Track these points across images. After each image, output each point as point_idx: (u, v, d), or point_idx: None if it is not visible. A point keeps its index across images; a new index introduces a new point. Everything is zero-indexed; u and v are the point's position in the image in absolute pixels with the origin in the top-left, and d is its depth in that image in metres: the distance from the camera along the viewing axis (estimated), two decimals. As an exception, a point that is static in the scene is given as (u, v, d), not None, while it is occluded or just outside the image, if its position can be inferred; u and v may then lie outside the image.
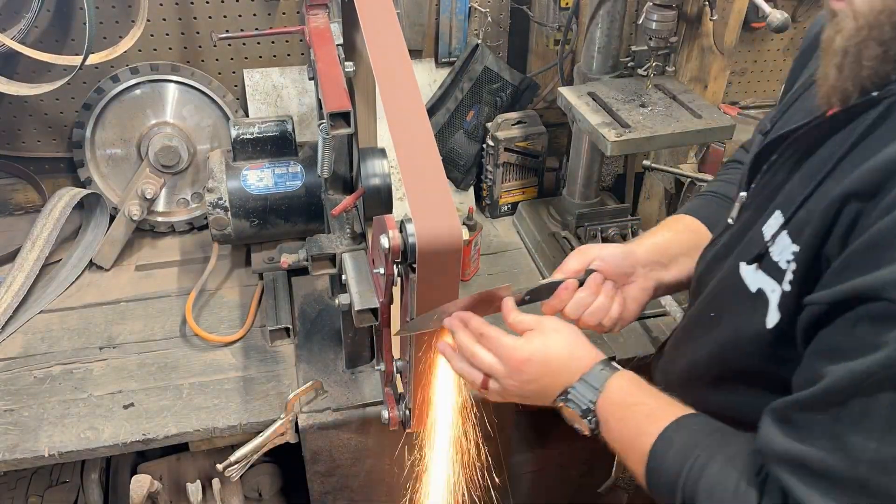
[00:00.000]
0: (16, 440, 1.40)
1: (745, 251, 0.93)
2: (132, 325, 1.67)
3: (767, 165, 0.95)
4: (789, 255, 0.82)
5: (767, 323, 0.85)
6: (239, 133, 1.59)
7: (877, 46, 0.75)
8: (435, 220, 0.87)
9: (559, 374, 1.00)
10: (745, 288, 0.90)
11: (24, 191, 1.97)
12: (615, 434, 0.97)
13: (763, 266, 0.87)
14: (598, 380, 0.98)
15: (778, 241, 0.85)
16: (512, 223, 2.05)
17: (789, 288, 0.81)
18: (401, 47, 1.03)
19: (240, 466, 1.43)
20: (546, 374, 1.00)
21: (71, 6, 1.77)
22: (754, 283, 0.88)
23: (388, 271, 0.97)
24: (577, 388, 0.99)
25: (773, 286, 0.85)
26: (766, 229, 0.88)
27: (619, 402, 0.96)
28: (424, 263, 0.89)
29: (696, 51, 1.84)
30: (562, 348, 1.01)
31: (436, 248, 0.87)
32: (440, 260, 0.89)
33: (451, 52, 2.00)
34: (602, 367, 0.99)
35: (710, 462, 0.84)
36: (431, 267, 0.90)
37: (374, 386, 1.50)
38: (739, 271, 0.91)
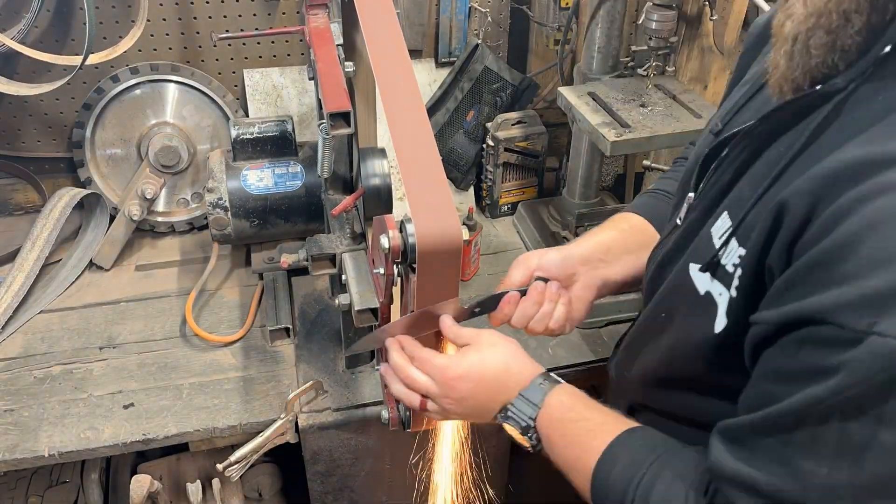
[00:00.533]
0: (16, 440, 1.40)
1: (694, 253, 0.90)
2: (132, 325, 1.67)
3: (716, 165, 0.93)
4: (736, 259, 0.80)
5: (716, 328, 0.83)
6: (239, 133, 1.59)
7: (824, 34, 0.72)
8: (435, 220, 0.87)
9: (496, 390, 0.98)
10: (694, 290, 0.87)
11: (24, 191, 1.97)
12: (558, 451, 0.95)
13: (711, 269, 0.85)
14: (537, 395, 0.96)
15: (727, 241, 0.82)
16: (512, 223, 2.05)
17: (735, 294, 0.79)
18: (401, 47, 1.03)
19: (240, 466, 1.43)
20: (481, 390, 0.98)
21: (71, 6, 1.77)
22: (702, 285, 0.86)
23: (388, 271, 0.97)
24: (516, 405, 0.97)
25: (720, 290, 0.83)
26: (714, 231, 0.86)
27: (559, 418, 0.94)
28: (424, 263, 0.89)
29: (696, 51, 1.84)
30: (497, 363, 0.99)
31: (436, 248, 0.87)
32: (440, 260, 0.89)
33: (451, 52, 2.00)
34: (541, 381, 0.98)
35: (657, 480, 0.83)
36: (431, 267, 0.90)
37: (374, 386, 1.50)
38: (689, 273, 0.89)
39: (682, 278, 0.91)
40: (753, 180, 0.82)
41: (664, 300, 0.98)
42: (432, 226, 0.87)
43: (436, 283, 0.93)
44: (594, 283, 1.15)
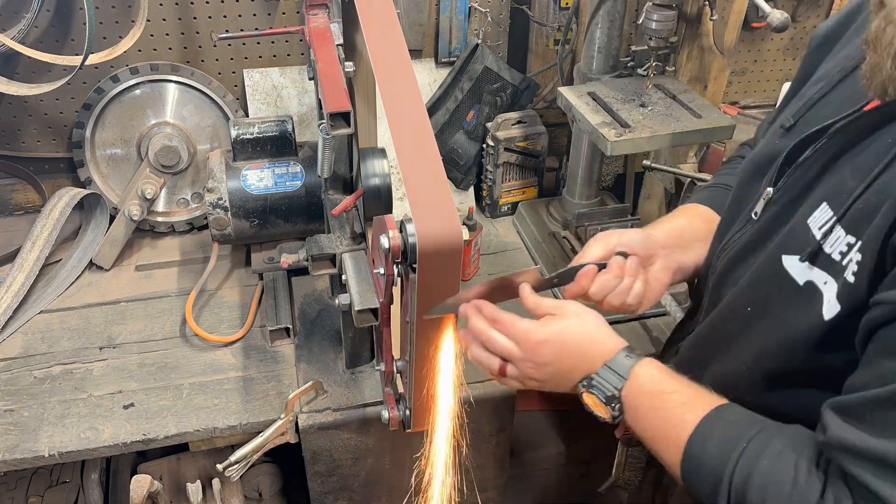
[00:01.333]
0: (16, 440, 1.40)
1: (786, 244, 0.91)
2: (132, 325, 1.67)
3: (800, 161, 0.95)
4: (843, 247, 0.81)
5: (825, 314, 0.84)
6: (239, 133, 1.59)
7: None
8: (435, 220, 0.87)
9: (580, 358, 0.99)
10: (791, 281, 0.89)
11: (24, 191, 1.97)
12: (645, 423, 0.96)
13: (812, 259, 0.86)
14: (623, 367, 0.97)
15: (829, 231, 0.84)
16: (512, 223, 2.05)
17: (853, 279, 0.81)
18: (401, 47, 1.03)
19: (240, 466, 1.43)
20: (564, 357, 0.99)
21: (71, 6, 1.77)
22: (802, 276, 0.87)
23: (388, 271, 0.97)
24: (602, 374, 0.98)
25: (824, 278, 0.84)
26: (812, 222, 0.87)
27: (648, 391, 0.95)
28: (424, 263, 0.89)
29: (696, 51, 1.84)
30: (582, 332, 1.00)
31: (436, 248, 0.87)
32: (440, 260, 0.89)
33: (451, 52, 2.00)
34: (627, 354, 0.99)
35: (763, 452, 0.83)
36: (431, 267, 0.90)
37: (374, 386, 1.50)
38: (783, 264, 0.90)
39: (771, 270, 0.92)
40: (858, 171, 0.84)
41: (749, 294, 0.98)
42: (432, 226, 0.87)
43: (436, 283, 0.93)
44: (671, 266, 1.16)
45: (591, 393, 0.98)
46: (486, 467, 1.64)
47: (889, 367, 0.74)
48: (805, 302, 0.87)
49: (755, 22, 2.08)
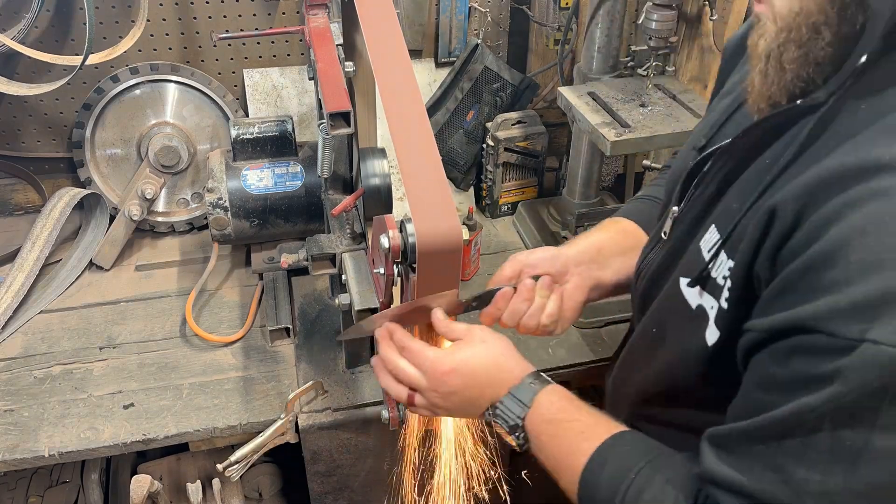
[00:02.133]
0: (16, 440, 1.40)
1: (683, 268, 0.90)
2: (132, 325, 1.67)
3: (699, 179, 0.93)
4: (726, 271, 0.80)
5: (708, 340, 0.83)
6: (239, 133, 1.59)
7: (796, 49, 0.73)
8: (435, 220, 0.87)
9: (486, 386, 0.97)
10: (685, 304, 0.88)
11: (24, 191, 1.97)
12: (546, 452, 0.94)
13: (701, 282, 0.85)
14: (527, 394, 0.95)
15: (716, 254, 0.82)
16: (512, 223, 2.05)
17: (726, 305, 0.80)
18: (401, 47, 1.03)
19: (240, 466, 1.43)
20: (470, 385, 0.97)
21: (71, 6, 1.77)
22: (694, 299, 0.86)
23: (388, 271, 0.97)
24: (505, 403, 0.96)
25: (711, 303, 0.83)
26: (703, 244, 0.86)
27: (549, 419, 0.93)
28: (424, 263, 0.89)
29: (696, 51, 1.84)
30: (488, 359, 0.98)
31: (436, 248, 0.87)
32: (440, 260, 0.89)
33: (451, 52, 2.00)
34: (532, 381, 0.96)
35: (647, 486, 0.82)
36: (431, 267, 0.90)
37: (374, 386, 1.50)
38: (680, 288, 0.89)
39: (673, 293, 0.91)
40: (741, 192, 0.82)
41: (655, 316, 0.98)
42: (432, 226, 0.87)
43: (436, 283, 0.93)
44: (586, 284, 1.14)
45: (496, 422, 0.97)
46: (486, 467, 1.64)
47: (758, 398, 0.72)
48: (695, 327, 0.85)
49: (755, 22, 2.08)
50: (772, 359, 0.71)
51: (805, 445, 0.67)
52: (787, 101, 0.76)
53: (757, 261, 0.74)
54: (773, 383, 0.70)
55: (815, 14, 0.71)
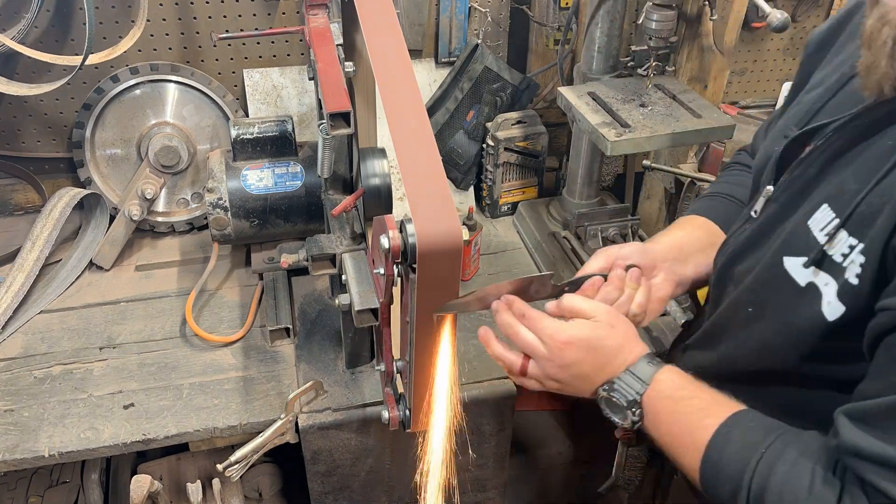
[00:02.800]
0: (16, 440, 1.40)
1: (787, 246, 0.92)
2: (132, 325, 1.67)
3: (799, 160, 0.95)
4: (845, 249, 0.82)
5: (827, 315, 0.84)
6: (239, 133, 1.59)
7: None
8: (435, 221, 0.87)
9: (604, 363, 1.00)
10: (792, 282, 0.89)
11: (24, 191, 1.97)
12: (665, 428, 0.96)
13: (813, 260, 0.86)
14: (645, 373, 0.98)
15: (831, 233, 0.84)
16: (512, 223, 2.05)
17: (856, 282, 0.81)
18: (401, 47, 1.03)
19: (240, 466, 1.43)
20: (588, 360, 1.00)
21: (71, 6, 1.77)
22: (803, 277, 0.88)
23: (388, 271, 0.97)
24: (624, 379, 0.98)
25: (825, 279, 0.84)
26: (813, 223, 0.88)
27: (668, 396, 0.96)
28: (424, 264, 0.89)
29: (696, 51, 1.84)
30: (607, 336, 1.00)
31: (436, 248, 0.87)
32: (440, 260, 0.89)
33: (451, 52, 2.00)
34: (649, 361, 0.99)
35: (779, 460, 0.84)
36: (431, 267, 0.90)
37: (374, 386, 1.50)
38: (784, 266, 0.91)
39: (773, 271, 0.92)
40: (860, 173, 0.84)
41: (749, 294, 0.99)
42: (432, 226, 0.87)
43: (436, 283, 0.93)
44: (672, 279, 1.17)
45: (613, 396, 0.99)
46: (486, 467, 1.64)
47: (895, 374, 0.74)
48: (806, 303, 0.87)
49: (755, 22, 2.08)
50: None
51: None
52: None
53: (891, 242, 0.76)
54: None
55: None
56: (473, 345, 1.61)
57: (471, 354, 1.58)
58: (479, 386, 1.52)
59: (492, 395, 1.51)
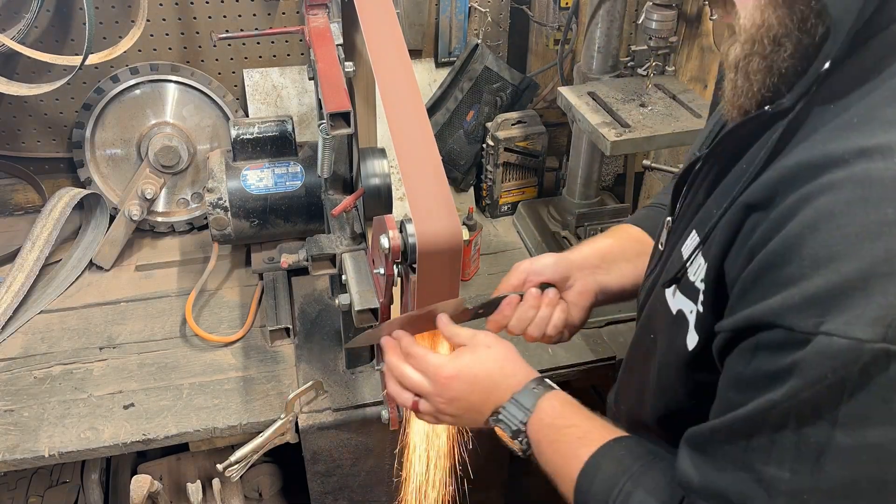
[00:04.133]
0: (16, 440, 1.40)
1: (667, 274, 0.91)
2: (132, 325, 1.67)
3: (686, 188, 0.94)
4: (702, 274, 0.80)
5: (688, 345, 0.83)
6: (239, 133, 1.59)
7: (760, 60, 0.74)
8: (435, 221, 0.87)
9: (490, 391, 0.98)
10: (668, 310, 0.88)
11: (24, 191, 1.97)
12: (546, 457, 0.94)
13: (681, 287, 0.86)
14: (530, 399, 0.96)
15: (695, 259, 0.83)
16: (512, 223, 2.05)
17: (702, 309, 0.80)
18: (401, 47, 1.03)
19: (240, 466, 1.43)
20: (474, 391, 0.98)
21: (71, 6, 1.77)
22: (674, 304, 0.87)
23: (388, 271, 0.97)
24: (508, 409, 0.96)
25: (690, 307, 0.83)
26: (684, 250, 0.87)
27: (549, 424, 0.94)
28: (424, 264, 0.89)
29: (696, 51, 1.84)
30: (491, 365, 0.98)
31: (436, 248, 0.87)
32: (440, 260, 0.89)
33: (451, 52, 2.00)
34: (534, 386, 0.97)
35: (634, 491, 0.83)
36: (431, 267, 0.90)
37: (374, 386, 1.50)
38: (664, 294, 0.90)
39: (658, 299, 0.92)
40: (719, 197, 0.83)
41: (647, 323, 0.99)
42: (432, 226, 0.87)
43: (436, 283, 0.93)
44: (591, 289, 1.14)
45: (500, 427, 0.98)
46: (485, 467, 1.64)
47: (729, 398, 0.72)
48: (676, 332, 0.85)
49: (755, 22, 2.08)
50: (739, 357, 0.71)
51: (772, 443, 0.67)
52: (755, 108, 0.78)
53: (726, 261, 0.75)
54: (741, 382, 0.71)
55: (775, 27, 0.72)
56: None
57: (471, 354, 1.58)
58: (479, 386, 1.52)
59: (492, 395, 1.51)
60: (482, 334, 1.01)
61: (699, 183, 0.90)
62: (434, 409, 1.00)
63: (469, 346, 0.99)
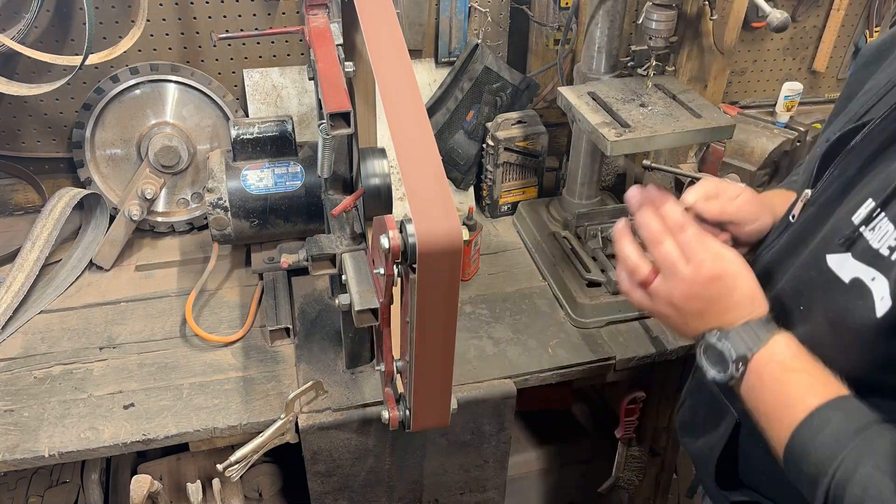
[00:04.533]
0: (16, 440, 1.40)
1: (830, 243, 0.88)
2: (132, 325, 1.67)
3: (837, 160, 0.92)
4: (892, 242, 0.78)
5: (877, 312, 0.80)
6: (239, 133, 1.59)
7: None
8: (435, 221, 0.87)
9: (733, 308, 0.94)
10: (836, 279, 0.85)
11: (24, 191, 1.97)
12: (766, 394, 0.90)
13: (857, 255, 0.83)
14: (765, 330, 0.92)
15: (876, 227, 0.80)
16: (512, 223, 2.05)
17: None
18: (401, 47, 1.03)
19: (240, 466, 1.43)
20: (723, 300, 0.94)
21: (71, 6, 1.77)
22: (848, 273, 0.84)
23: (388, 272, 0.97)
24: (741, 331, 0.93)
25: (872, 274, 0.81)
26: (857, 218, 0.84)
27: (779, 363, 0.90)
28: (424, 264, 0.89)
29: (696, 50, 1.84)
30: (747, 285, 0.95)
31: (436, 248, 0.87)
32: (440, 260, 0.89)
33: (451, 52, 2.00)
34: (768, 321, 0.94)
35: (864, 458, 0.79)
36: (431, 267, 0.90)
37: (374, 386, 1.50)
38: (827, 263, 0.87)
39: (815, 269, 0.89)
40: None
41: (796, 296, 0.95)
42: (432, 226, 0.87)
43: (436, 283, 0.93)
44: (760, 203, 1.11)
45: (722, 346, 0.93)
46: (486, 467, 1.64)
47: None
48: (854, 302, 0.83)
49: (755, 22, 2.08)
50: None
51: None
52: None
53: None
54: None
55: None
56: (473, 345, 1.61)
57: (471, 354, 1.58)
58: (478, 386, 1.52)
59: (492, 395, 1.51)
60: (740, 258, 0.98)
61: (856, 153, 0.88)
62: (666, 296, 0.96)
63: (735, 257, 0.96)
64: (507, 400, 1.53)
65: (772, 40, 2.23)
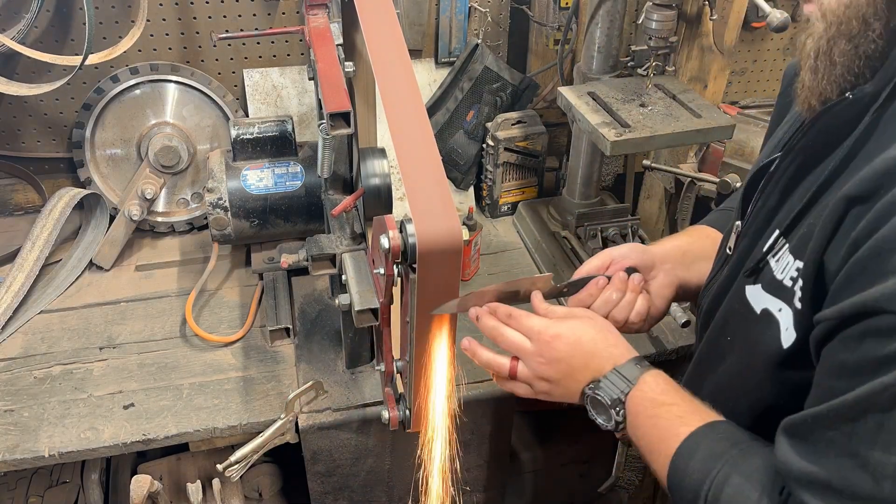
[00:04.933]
0: (16, 440, 1.40)
1: (748, 274, 0.91)
2: (132, 325, 1.67)
3: (759, 192, 0.95)
4: (793, 273, 0.81)
5: (783, 342, 0.83)
6: (239, 133, 1.59)
7: (846, 42, 0.74)
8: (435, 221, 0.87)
9: (591, 357, 0.99)
10: (751, 311, 0.89)
11: (24, 191, 1.97)
12: (643, 431, 0.95)
13: (766, 286, 0.86)
14: (633, 372, 0.97)
15: (780, 257, 0.83)
16: (512, 223, 2.05)
17: (800, 305, 0.80)
18: (401, 47, 1.03)
19: (240, 466, 1.43)
20: (576, 355, 0.99)
21: (71, 6, 1.77)
22: (759, 303, 0.87)
23: (388, 271, 0.97)
24: (610, 378, 0.98)
25: (778, 305, 0.83)
26: (766, 248, 0.87)
27: (651, 399, 0.95)
28: (424, 264, 0.89)
29: (696, 50, 1.84)
30: (595, 332, 1.00)
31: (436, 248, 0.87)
32: (440, 260, 0.89)
33: (451, 52, 2.00)
34: (636, 363, 0.99)
35: (733, 474, 0.83)
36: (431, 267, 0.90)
37: (374, 386, 1.50)
38: (745, 294, 0.90)
39: (738, 300, 0.92)
40: (804, 192, 0.83)
41: (724, 325, 0.99)
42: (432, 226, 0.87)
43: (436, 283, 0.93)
44: (673, 282, 1.15)
45: (598, 395, 0.98)
46: (485, 467, 1.64)
47: (831, 386, 0.72)
48: (764, 332, 0.86)
49: (755, 22, 2.08)
50: (842, 345, 0.72)
51: (879, 426, 0.67)
52: (836, 95, 0.78)
53: (826, 252, 0.75)
54: (845, 369, 0.71)
55: (864, 6, 0.72)
56: (473, 345, 1.61)
57: (471, 354, 1.58)
58: (478, 386, 1.52)
59: (492, 395, 1.51)
60: (580, 309, 1.03)
61: (774, 183, 0.91)
62: (532, 373, 1.01)
63: (571, 314, 1.01)
64: (507, 400, 1.53)
65: (772, 40, 2.23)
